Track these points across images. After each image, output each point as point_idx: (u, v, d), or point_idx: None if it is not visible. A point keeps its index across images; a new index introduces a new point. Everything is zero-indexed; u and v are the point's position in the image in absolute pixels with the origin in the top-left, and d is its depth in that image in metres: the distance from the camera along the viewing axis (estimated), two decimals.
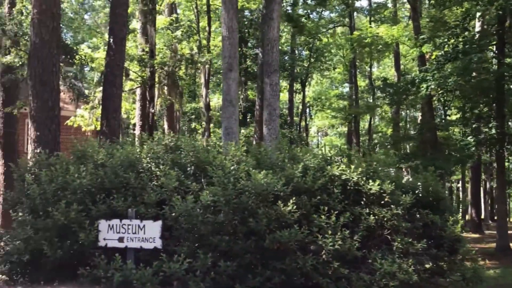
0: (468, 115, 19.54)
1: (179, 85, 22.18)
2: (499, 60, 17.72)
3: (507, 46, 18.37)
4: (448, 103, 31.14)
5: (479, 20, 20.14)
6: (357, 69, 41.34)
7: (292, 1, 28.70)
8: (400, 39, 27.34)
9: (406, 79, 20.93)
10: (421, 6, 28.96)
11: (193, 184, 6.66)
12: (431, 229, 7.43)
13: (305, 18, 27.95)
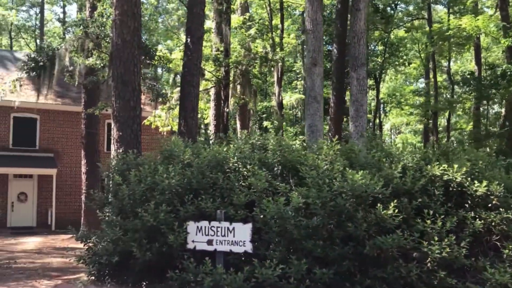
0: None
1: (252, 83, 22.04)
2: None
3: None
4: None
5: None
6: (431, 64, 39.49)
7: None
8: (487, 29, 25.57)
9: (496, 72, 19.47)
10: None
11: (282, 185, 6.29)
12: None
13: (391, 9, 26.82)
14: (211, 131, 23.51)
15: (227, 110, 22.62)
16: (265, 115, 39.76)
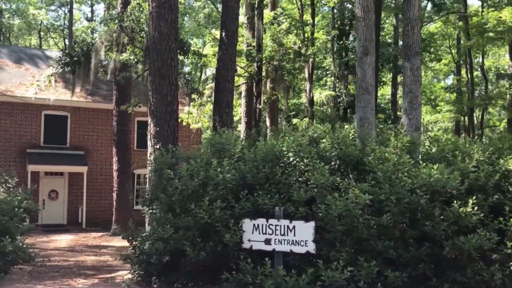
0: None
1: (286, 79, 21.58)
2: None
3: None
4: None
5: None
6: (467, 59, 38.37)
7: None
8: None
9: None
10: None
11: (344, 181, 5.80)
12: None
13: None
14: (242, 128, 23.12)
15: (260, 106, 22.21)
16: (293, 112, 39.18)
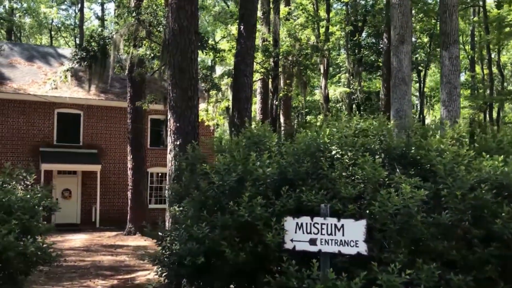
0: None
1: (303, 74, 21.08)
2: None
3: None
4: None
5: None
6: (486, 54, 37.72)
7: None
8: None
9: None
10: None
11: (395, 175, 5.32)
12: None
13: None
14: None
15: (276, 103, 21.76)
16: (306, 109, 38.67)
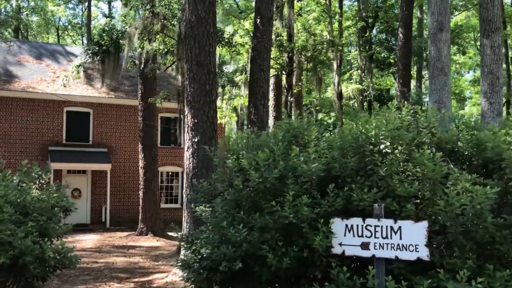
0: None
1: (319, 70, 20.52)
2: None
3: None
4: None
5: None
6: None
7: None
8: None
9: None
10: None
11: (455, 171, 4.77)
12: None
13: None
14: (271, 123, 22.16)
15: (291, 99, 21.21)
16: (318, 107, 38.09)
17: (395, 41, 34.20)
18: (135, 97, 24.99)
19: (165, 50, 15.31)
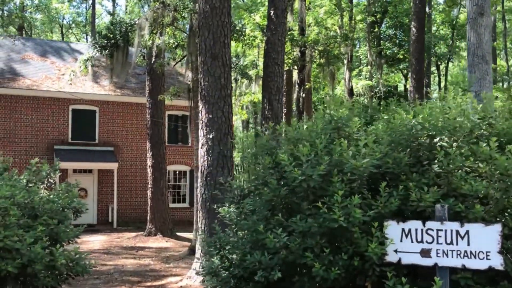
0: None
1: (332, 65, 19.87)
2: None
3: None
4: None
5: None
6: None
7: None
8: None
9: None
10: None
11: None
12: None
13: None
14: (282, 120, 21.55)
15: (303, 95, 20.58)
16: (326, 105, 37.41)
17: (404, 37, 33.53)
18: (141, 94, 24.42)
19: (175, 44, 14.71)
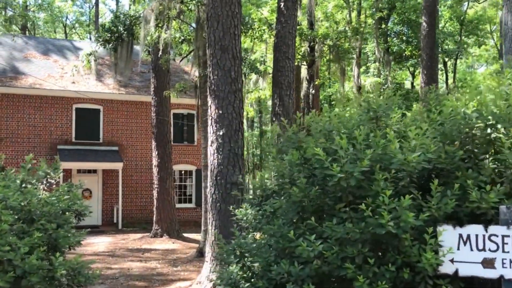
0: None
1: (342, 60, 19.24)
2: None
3: None
4: None
5: None
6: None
7: None
8: None
9: None
10: None
11: None
12: None
13: None
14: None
15: (313, 91, 19.96)
16: (334, 102, 36.76)
17: (412, 33, 32.89)
18: (146, 93, 23.87)
19: (181, 38, 14.10)
